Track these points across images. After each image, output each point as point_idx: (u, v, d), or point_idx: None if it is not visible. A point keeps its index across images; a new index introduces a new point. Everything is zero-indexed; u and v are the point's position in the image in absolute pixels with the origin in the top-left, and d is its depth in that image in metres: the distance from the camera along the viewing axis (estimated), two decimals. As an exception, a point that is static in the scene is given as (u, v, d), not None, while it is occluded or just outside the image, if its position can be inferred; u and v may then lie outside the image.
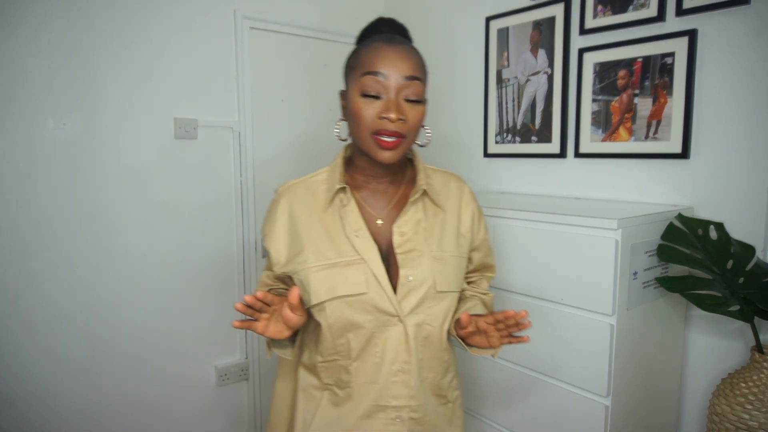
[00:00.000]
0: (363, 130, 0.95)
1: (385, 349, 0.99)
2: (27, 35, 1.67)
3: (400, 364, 1.00)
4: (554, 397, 1.47)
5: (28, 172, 1.70)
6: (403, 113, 0.93)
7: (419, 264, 0.99)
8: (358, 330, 0.98)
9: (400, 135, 0.94)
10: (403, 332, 0.99)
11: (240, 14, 2.09)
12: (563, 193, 1.91)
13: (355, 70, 0.97)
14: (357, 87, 0.95)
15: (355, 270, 0.97)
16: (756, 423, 1.29)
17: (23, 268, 1.72)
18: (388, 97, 0.93)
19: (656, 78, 1.61)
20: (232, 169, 2.15)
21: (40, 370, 1.77)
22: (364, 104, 0.93)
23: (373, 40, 0.98)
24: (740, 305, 1.34)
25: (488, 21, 2.09)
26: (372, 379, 1.00)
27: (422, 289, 0.99)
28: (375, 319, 0.97)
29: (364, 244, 0.98)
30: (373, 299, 0.96)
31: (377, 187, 1.05)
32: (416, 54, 0.98)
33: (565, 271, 1.41)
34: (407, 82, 0.93)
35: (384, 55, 0.93)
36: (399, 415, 1.01)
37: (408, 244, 1.00)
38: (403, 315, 0.98)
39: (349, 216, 1.00)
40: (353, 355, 1.00)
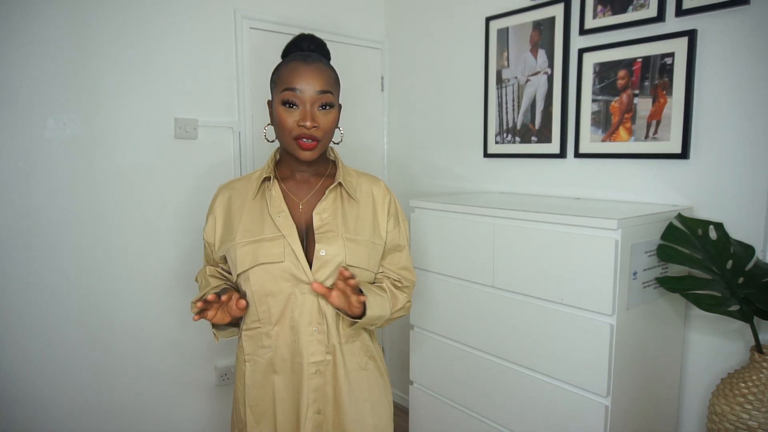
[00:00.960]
0: (286, 135, 1.15)
1: (301, 314, 1.16)
2: (27, 35, 1.67)
3: (315, 325, 1.17)
4: (554, 397, 1.47)
5: (27, 172, 1.71)
6: (317, 121, 1.13)
7: (334, 242, 1.16)
8: (278, 296, 1.15)
9: (316, 138, 1.14)
10: (316, 298, 1.16)
11: (240, 14, 2.09)
12: (563, 193, 1.91)
13: (277, 85, 1.16)
14: (279, 99, 1.14)
15: (275, 244, 1.15)
16: (755, 423, 1.29)
17: (23, 268, 1.72)
18: (304, 108, 1.13)
19: (656, 78, 1.62)
20: (232, 169, 2.15)
21: (40, 369, 1.77)
22: (285, 113, 1.13)
23: (292, 58, 1.17)
24: (740, 305, 1.35)
25: (488, 21, 2.09)
26: (291, 340, 1.17)
27: (334, 263, 1.16)
28: (292, 285, 1.15)
29: (285, 223, 1.16)
30: (289, 268, 1.14)
31: (300, 178, 1.24)
32: (327, 71, 1.17)
33: (565, 271, 1.41)
34: (319, 95, 1.13)
35: (299, 73, 1.13)
36: (318, 369, 1.18)
37: (326, 226, 1.18)
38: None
39: (273, 200, 1.19)
40: (273, 320, 1.17)
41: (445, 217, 1.75)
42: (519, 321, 1.54)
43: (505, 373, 1.60)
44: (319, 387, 1.18)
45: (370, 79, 2.58)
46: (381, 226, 1.26)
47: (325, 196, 1.20)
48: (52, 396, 1.80)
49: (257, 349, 1.20)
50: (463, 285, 1.71)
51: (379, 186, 1.29)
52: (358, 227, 1.22)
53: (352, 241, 1.19)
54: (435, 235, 1.79)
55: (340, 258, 1.16)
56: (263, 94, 2.19)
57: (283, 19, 2.20)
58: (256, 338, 1.20)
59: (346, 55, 2.44)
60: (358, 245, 1.19)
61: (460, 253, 1.71)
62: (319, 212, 1.18)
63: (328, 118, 1.15)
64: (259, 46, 2.16)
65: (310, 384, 1.17)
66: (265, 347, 1.19)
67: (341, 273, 1.10)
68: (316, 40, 1.25)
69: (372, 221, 1.25)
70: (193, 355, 2.11)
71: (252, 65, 2.14)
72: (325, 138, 1.16)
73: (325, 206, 1.19)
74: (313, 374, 1.17)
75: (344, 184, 1.22)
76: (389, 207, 1.29)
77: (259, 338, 1.20)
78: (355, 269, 1.18)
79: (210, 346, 2.14)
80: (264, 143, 2.20)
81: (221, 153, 2.11)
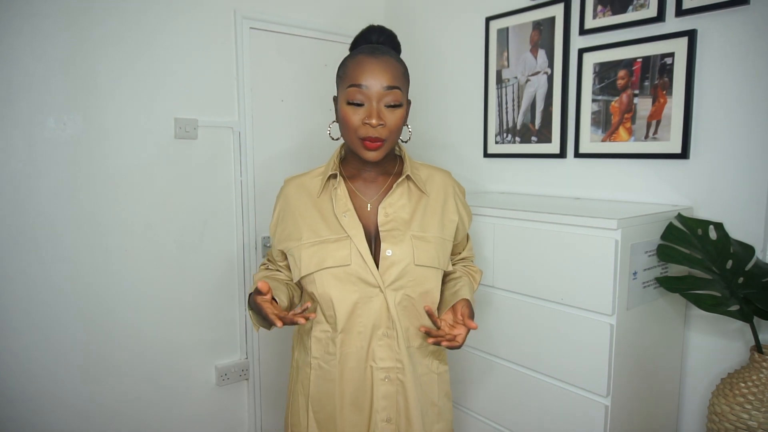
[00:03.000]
0: (351, 134, 1.09)
1: (368, 319, 1.11)
2: (27, 35, 1.67)
3: (384, 330, 1.12)
4: (554, 397, 1.47)
5: (28, 172, 1.71)
6: (383, 118, 1.07)
7: (400, 241, 1.11)
8: (344, 300, 1.10)
9: (382, 139, 1.08)
10: (384, 302, 1.11)
11: (240, 14, 2.09)
12: (563, 193, 1.91)
13: (343, 80, 1.11)
14: (344, 96, 1.09)
15: (341, 245, 1.10)
16: (755, 423, 1.29)
17: (23, 268, 1.72)
18: (370, 105, 1.07)
19: (656, 78, 1.62)
20: (232, 169, 2.15)
21: (41, 369, 1.77)
22: (350, 111, 1.08)
23: (358, 51, 1.11)
24: (740, 305, 1.35)
25: (488, 21, 2.09)
26: (359, 346, 1.13)
27: (402, 264, 1.11)
28: (359, 289, 1.10)
29: (351, 223, 1.11)
30: (356, 271, 1.09)
31: (368, 177, 1.18)
32: (395, 65, 1.10)
33: (565, 271, 1.41)
34: (387, 91, 1.07)
35: (366, 68, 1.07)
36: (387, 375, 1.13)
37: (391, 223, 1.13)
38: (384, 286, 1.10)
39: (339, 199, 1.14)
40: (339, 326, 1.12)
41: (445, 217, 1.75)
42: (519, 321, 1.54)
43: (504, 372, 1.60)
44: (389, 394, 1.13)
45: (370, 79, 2.58)
46: (451, 218, 1.21)
47: (392, 190, 1.14)
48: (52, 396, 1.80)
49: (325, 354, 1.15)
50: (463, 285, 1.71)
51: (448, 178, 1.25)
52: (427, 223, 1.16)
53: (420, 239, 1.13)
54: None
55: (408, 259, 1.11)
56: (263, 94, 2.19)
57: (283, 19, 2.20)
58: (325, 343, 1.15)
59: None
60: (426, 243, 1.14)
61: (460, 253, 1.71)
62: (384, 207, 1.13)
63: (395, 116, 1.09)
64: (259, 46, 2.16)
65: (379, 391, 1.13)
66: (331, 354, 1.14)
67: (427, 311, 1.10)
68: (386, 31, 1.18)
69: (441, 214, 1.19)
70: (193, 355, 2.11)
71: (252, 65, 2.14)
72: (391, 137, 1.09)
73: (391, 201, 1.14)
74: (382, 380, 1.13)
75: (413, 177, 1.17)
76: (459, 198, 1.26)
77: (327, 343, 1.15)
78: (424, 268, 1.13)
79: (210, 346, 2.15)
80: (264, 143, 2.20)
81: (221, 153, 2.11)
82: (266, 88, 2.19)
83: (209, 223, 2.10)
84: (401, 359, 1.13)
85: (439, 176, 1.24)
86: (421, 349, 1.18)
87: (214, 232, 2.11)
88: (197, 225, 2.07)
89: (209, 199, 2.10)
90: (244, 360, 2.23)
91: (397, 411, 1.14)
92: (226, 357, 2.19)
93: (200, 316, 2.10)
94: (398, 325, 1.12)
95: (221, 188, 2.12)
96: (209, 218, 2.10)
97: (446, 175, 1.26)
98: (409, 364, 1.14)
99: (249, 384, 2.26)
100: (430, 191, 1.20)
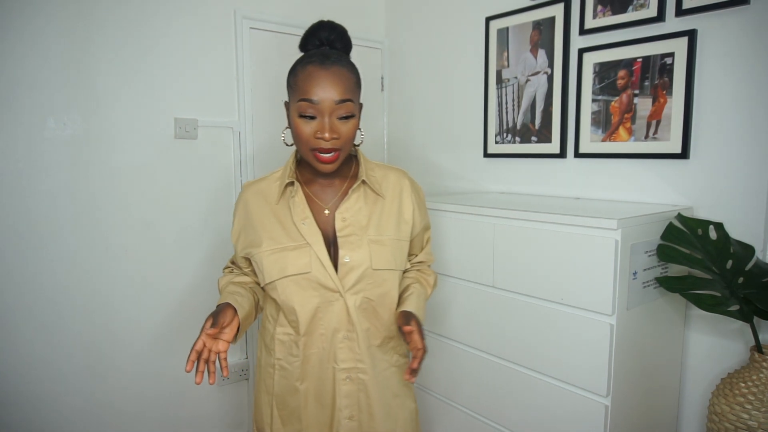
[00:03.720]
0: (303, 146, 1.10)
1: (329, 322, 1.14)
2: (28, 36, 1.67)
3: (345, 332, 1.15)
4: (554, 397, 1.47)
5: (28, 172, 1.71)
6: (336, 131, 1.07)
7: (358, 247, 1.13)
8: (306, 305, 1.13)
9: (336, 150, 1.09)
10: (345, 306, 1.13)
11: (240, 14, 2.09)
12: (563, 193, 1.91)
13: (294, 91, 1.10)
14: (296, 108, 1.08)
15: (301, 253, 1.12)
16: (755, 423, 1.29)
17: (23, 268, 1.72)
18: (322, 119, 1.06)
19: (656, 78, 1.62)
20: (232, 169, 2.15)
21: (41, 369, 1.77)
22: (302, 124, 1.08)
23: (309, 61, 1.09)
24: (740, 305, 1.35)
25: (488, 21, 2.09)
26: (321, 348, 1.16)
27: (360, 269, 1.13)
28: (320, 294, 1.13)
29: (309, 230, 1.13)
30: (317, 277, 1.12)
31: (324, 182, 1.19)
32: (347, 75, 1.09)
33: (564, 271, 1.41)
34: (338, 105, 1.06)
35: (317, 81, 1.05)
36: (348, 375, 1.17)
37: (348, 228, 1.14)
38: (344, 291, 1.13)
39: (297, 207, 1.15)
40: (302, 330, 1.15)
41: (445, 217, 1.75)
42: (519, 321, 1.54)
43: (504, 373, 1.60)
44: (351, 393, 1.17)
45: (370, 79, 2.58)
46: (405, 218, 1.23)
47: (347, 197, 1.16)
48: (52, 396, 1.80)
49: (288, 356, 1.18)
50: (463, 285, 1.71)
51: (403, 177, 1.26)
52: (383, 226, 1.18)
53: (377, 242, 1.15)
54: (435, 234, 1.78)
55: (366, 264, 1.13)
56: (263, 94, 2.19)
57: (283, 19, 2.20)
58: (288, 345, 1.18)
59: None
60: (383, 246, 1.16)
61: (459, 253, 1.71)
62: (341, 212, 1.15)
63: (347, 127, 1.09)
64: (259, 46, 2.16)
65: (341, 390, 1.16)
66: (294, 355, 1.17)
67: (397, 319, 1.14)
68: (337, 28, 1.17)
69: (397, 215, 1.21)
70: (193, 355, 2.10)
71: (252, 65, 2.14)
72: (345, 147, 1.11)
73: (348, 206, 1.16)
74: (344, 380, 1.16)
75: (368, 181, 1.18)
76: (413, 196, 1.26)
77: (290, 345, 1.18)
78: (382, 271, 1.16)
79: (210, 346, 2.14)
80: (264, 143, 2.20)
81: (221, 153, 2.11)
82: (266, 88, 2.19)
83: (209, 223, 2.10)
84: (362, 359, 1.17)
85: (393, 176, 1.25)
86: (381, 347, 1.21)
87: (214, 232, 2.11)
88: (197, 225, 2.07)
89: (209, 198, 2.10)
90: (244, 360, 2.23)
91: (359, 408, 1.18)
92: (226, 357, 2.19)
93: (200, 316, 2.09)
94: (358, 327, 1.15)
95: (221, 188, 2.12)
96: (209, 218, 2.10)
97: (401, 174, 1.26)
98: (370, 363, 1.17)
99: (249, 384, 2.26)
100: (385, 193, 1.21)
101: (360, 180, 1.18)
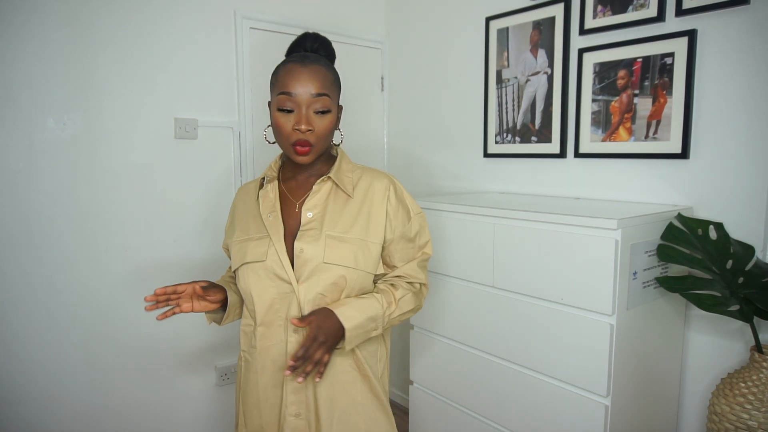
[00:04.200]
0: (283, 140, 1.15)
1: (283, 314, 1.15)
2: (27, 36, 1.67)
3: (296, 327, 1.14)
4: (554, 397, 1.47)
5: (28, 172, 1.71)
6: (312, 124, 1.12)
7: (315, 240, 1.15)
8: (262, 295, 1.15)
9: (310, 143, 1.13)
10: (297, 299, 1.14)
11: (240, 14, 2.09)
12: (563, 193, 1.91)
13: (275, 87, 1.15)
14: (275, 103, 1.14)
15: (261, 243, 1.17)
16: (755, 423, 1.29)
17: (23, 268, 1.72)
18: (299, 111, 1.12)
19: (656, 78, 1.62)
20: (232, 169, 2.15)
21: (40, 369, 1.77)
22: (281, 118, 1.13)
23: (289, 60, 1.16)
24: (740, 305, 1.35)
25: (488, 21, 2.09)
26: (274, 341, 1.17)
27: (314, 262, 1.14)
28: (275, 285, 1.14)
29: (273, 223, 1.17)
30: (272, 267, 1.14)
31: (300, 179, 1.23)
32: (324, 72, 1.14)
33: (565, 271, 1.41)
34: (315, 98, 1.12)
35: (295, 76, 1.11)
36: None
37: (312, 223, 1.17)
38: (296, 282, 1.14)
39: (266, 201, 1.20)
40: (258, 319, 1.17)
41: (445, 217, 1.75)
42: (519, 321, 1.54)
43: (505, 372, 1.60)
44: (297, 389, 1.15)
45: (370, 79, 2.58)
46: (377, 221, 1.19)
47: (313, 192, 1.18)
48: (53, 395, 1.80)
49: (249, 348, 1.21)
50: (463, 285, 1.71)
51: (382, 180, 1.22)
52: (349, 225, 1.16)
53: (336, 239, 1.14)
54: (435, 235, 1.78)
55: (320, 257, 1.12)
56: (263, 94, 2.19)
57: (283, 19, 2.20)
58: (249, 336, 1.21)
59: (347, 55, 2.43)
60: (343, 243, 1.14)
61: (460, 253, 1.71)
62: (307, 208, 1.18)
63: (324, 122, 1.13)
64: (259, 46, 2.16)
65: (288, 386, 1.16)
66: (253, 347, 1.19)
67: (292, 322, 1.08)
68: (320, 38, 1.23)
69: (367, 217, 1.18)
70: (193, 355, 2.11)
71: (252, 65, 2.14)
72: (319, 142, 1.14)
73: (314, 202, 1.18)
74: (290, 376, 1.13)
75: (336, 179, 1.19)
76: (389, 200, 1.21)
77: (250, 336, 1.21)
78: (338, 267, 1.13)
79: (210, 346, 2.14)
80: (264, 143, 2.20)
81: (221, 153, 2.11)
82: (266, 88, 2.17)
83: (209, 223, 2.10)
84: None
85: (370, 179, 1.22)
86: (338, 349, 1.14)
87: (214, 232, 2.11)
88: (197, 225, 2.07)
89: (209, 198, 2.10)
90: (244, 360, 2.23)
91: (306, 407, 1.16)
92: (226, 357, 2.19)
93: (200, 316, 2.10)
94: None
95: (221, 188, 2.12)
96: (209, 218, 2.10)
97: (381, 179, 1.23)
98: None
99: (249, 384, 2.25)
100: (356, 194, 1.20)
101: (326, 176, 1.19)
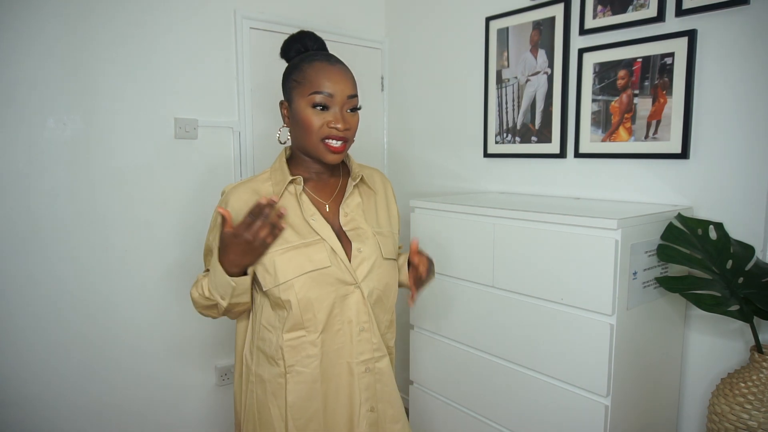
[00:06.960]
0: (313, 137, 1.12)
1: (347, 316, 1.15)
2: (27, 36, 1.67)
3: (362, 325, 1.17)
4: (554, 397, 1.47)
5: (28, 172, 1.71)
6: (348, 123, 1.13)
7: (366, 238, 1.18)
8: (323, 301, 1.13)
9: (345, 139, 1.14)
10: (361, 297, 1.16)
11: (240, 14, 2.09)
12: (563, 193, 1.91)
13: (302, 86, 1.13)
14: (307, 101, 1.12)
15: (317, 248, 1.13)
16: (755, 423, 1.29)
17: (22, 268, 1.72)
18: (335, 111, 1.12)
19: (656, 78, 1.62)
20: (232, 169, 2.15)
21: (40, 369, 1.77)
22: (314, 115, 1.11)
23: (313, 58, 1.15)
24: (740, 305, 1.35)
25: (488, 21, 2.09)
26: (340, 345, 1.16)
27: (372, 259, 1.17)
28: (336, 290, 1.13)
29: (320, 225, 1.15)
30: (335, 272, 1.13)
31: (321, 179, 1.23)
32: (351, 73, 1.17)
33: (564, 271, 1.41)
34: (349, 99, 1.13)
35: (330, 75, 1.12)
36: (367, 367, 1.19)
37: (352, 223, 1.19)
38: (359, 282, 1.16)
39: (305, 202, 1.17)
40: (319, 327, 1.13)
41: (445, 217, 1.75)
42: (519, 321, 1.54)
43: (505, 372, 1.60)
44: (370, 384, 1.19)
45: (370, 79, 2.58)
46: (393, 213, 1.31)
47: (350, 193, 1.21)
48: (52, 397, 1.80)
49: (302, 359, 1.14)
50: (463, 285, 1.71)
51: (379, 173, 1.34)
52: (381, 219, 1.26)
53: (380, 234, 1.22)
54: (435, 235, 1.79)
55: (376, 254, 1.18)
56: (263, 94, 2.19)
57: (283, 19, 2.20)
58: (300, 348, 1.14)
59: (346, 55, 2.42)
60: (385, 237, 1.23)
61: (459, 253, 1.71)
62: (344, 208, 1.20)
63: (356, 119, 1.16)
64: (259, 46, 2.16)
65: (361, 383, 1.17)
66: (311, 356, 1.14)
67: (412, 247, 1.19)
68: (318, 38, 1.25)
69: (387, 210, 1.30)
70: (193, 355, 2.11)
71: (252, 65, 2.14)
72: (352, 138, 1.17)
73: (349, 202, 1.21)
74: (363, 373, 1.17)
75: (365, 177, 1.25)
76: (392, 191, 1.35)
77: (303, 348, 1.14)
78: (389, 261, 1.21)
79: (210, 346, 2.14)
80: (264, 143, 2.20)
81: (221, 153, 2.11)
82: (266, 88, 2.19)
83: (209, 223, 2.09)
84: (379, 347, 1.20)
85: (377, 174, 1.33)
86: (385, 336, 1.25)
87: (214, 232, 2.11)
88: (197, 224, 2.07)
89: (209, 198, 2.09)
90: (244, 360, 2.23)
91: (377, 399, 1.20)
92: (226, 357, 2.19)
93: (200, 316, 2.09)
94: (373, 318, 1.18)
95: (221, 188, 2.11)
96: (209, 218, 2.09)
97: (382, 173, 1.36)
98: (385, 351, 1.22)
99: (249, 384, 2.25)
100: (376, 189, 1.29)
101: (359, 177, 1.23)
